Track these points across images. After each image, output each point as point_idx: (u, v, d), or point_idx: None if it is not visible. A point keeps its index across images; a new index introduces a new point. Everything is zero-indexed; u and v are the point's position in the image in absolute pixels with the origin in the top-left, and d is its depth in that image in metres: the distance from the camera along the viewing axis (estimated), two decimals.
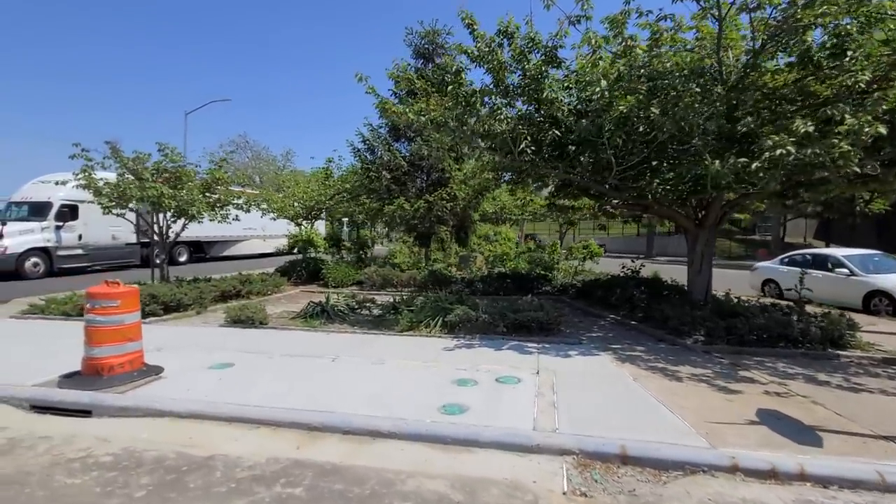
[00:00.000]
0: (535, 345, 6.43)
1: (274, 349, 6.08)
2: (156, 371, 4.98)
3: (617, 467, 3.29)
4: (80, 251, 16.79)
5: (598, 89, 5.81)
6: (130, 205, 9.57)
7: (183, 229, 10.48)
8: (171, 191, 9.07)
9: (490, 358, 5.76)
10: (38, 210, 16.03)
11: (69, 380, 4.68)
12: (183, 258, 21.76)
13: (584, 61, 6.52)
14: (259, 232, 26.61)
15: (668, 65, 5.68)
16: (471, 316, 6.90)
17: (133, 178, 9.49)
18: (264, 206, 12.54)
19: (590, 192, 8.95)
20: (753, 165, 5.25)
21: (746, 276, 13.89)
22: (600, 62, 5.75)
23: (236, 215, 10.82)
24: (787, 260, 12.27)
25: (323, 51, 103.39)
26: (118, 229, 18.34)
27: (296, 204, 13.44)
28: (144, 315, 8.24)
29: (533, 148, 6.80)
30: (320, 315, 7.89)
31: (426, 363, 5.51)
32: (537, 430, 3.66)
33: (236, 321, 7.53)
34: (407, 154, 13.65)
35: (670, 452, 3.34)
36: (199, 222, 10.55)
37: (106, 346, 4.66)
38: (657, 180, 6.40)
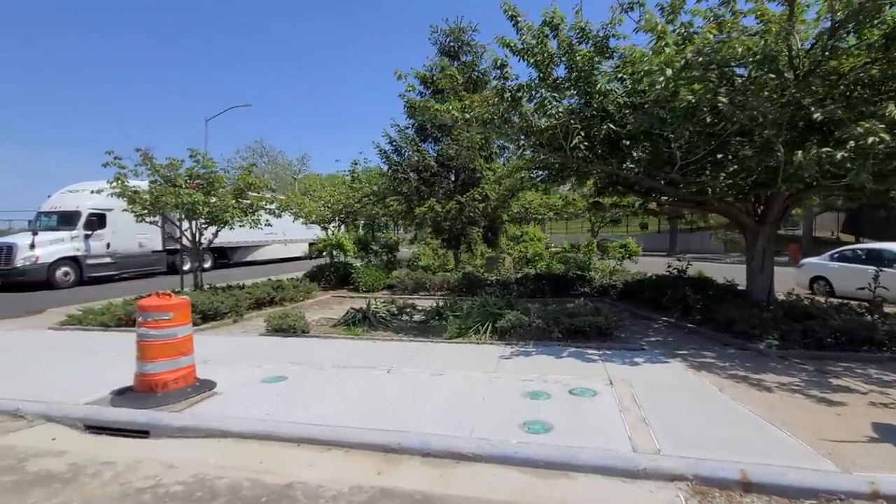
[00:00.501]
0: (595, 351, 6.08)
1: (323, 360, 5.82)
2: (209, 386, 4.75)
3: (739, 496, 2.93)
4: (108, 259, 16.84)
5: (661, 79, 5.44)
6: (164, 212, 9.43)
7: (215, 236, 10.32)
8: (204, 197, 8.91)
9: (552, 367, 5.43)
10: (67, 219, 16.11)
11: (122, 397, 4.47)
12: (207, 264, 21.73)
13: (643, 49, 6.15)
14: (280, 237, 26.56)
15: (739, 50, 5.29)
16: (523, 321, 6.57)
17: (165, 184, 9.35)
18: (294, 210, 12.34)
19: (635, 188, 8.55)
20: (839, 155, 4.84)
21: (784, 272, 13.31)
22: (666, 49, 5.39)
23: (267, 220, 10.65)
24: (836, 255, 11.69)
25: (332, 52, 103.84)
26: (144, 237, 18.41)
27: (323, 208, 13.23)
28: None
29: (586, 143, 6.44)
30: (362, 322, 7.64)
31: (487, 374, 5.20)
32: (638, 451, 3.32)
33: (277, 330, 7.30)
34: (434, 154, 13.37)
35: (798, 478, 2.97)
36: (230, 228, 10.39)
37: (159, 362, 4.43)
38: (723, 174, 6.01)
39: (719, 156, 6.01)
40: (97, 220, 16.48)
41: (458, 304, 8.11)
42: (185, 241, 10.06)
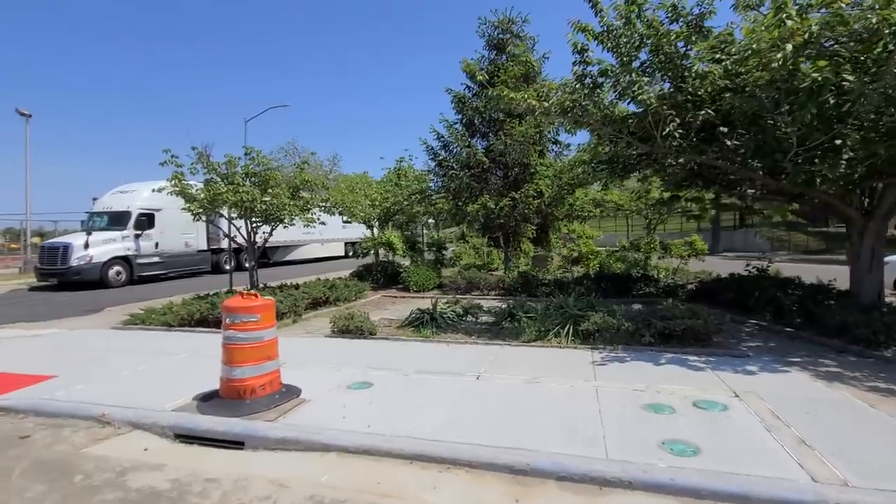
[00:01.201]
0: (695, 358, 5.55)
1: (402, 364, 5.48)
2: (295, 392, 4.45)
3: None
4: (156, 259, 17.07)
5: (778, 55, 4.87)
6: (222, 211, 9.30)
7: (270, 234, 10.16)
8: (262, 195, 8.72)
9: (657, 375, 4.93)
10: (117, 219, 16.39)
11: (208, 404, 4.21)
12: (248, 264, 21.88)
13: (756, 25, 5.57)
14: (317, 236, 26.61)
15: (873, 21, 4.68)
16: (611, 324, 6.08)
17: (223, 182, 9.21)
18: (346, 209, 12.09)
19: (720, 181, 7.92)
20: None
21: (844, 271, 12.31)
22: (787, 21, 4.81)
23: (320, 218, 10.44)
24: None
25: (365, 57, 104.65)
26: (190, 237, 18.63)
27: (370, 207, 12.96)
28: None
29: (681, 131, 5.90)
30: (430, 323, 7.28)
31: (588, 382, 4.75)
32: (819, 481, 2.83)
33: (344, 331, 7.02)
34: (482, 150, 12.93)
35: None
36: (284, 227, 10.21)
37: (247, 366, 4.16)
38: (842, 161, 5.38)
39: (838, 141, 5.38)
40: (146, 220, 16.71)
41: (527, 305, 7.66)
42: (239, 240, 9.93)
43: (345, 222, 28.99)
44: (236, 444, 3.69)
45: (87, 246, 14.93)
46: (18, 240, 40.28)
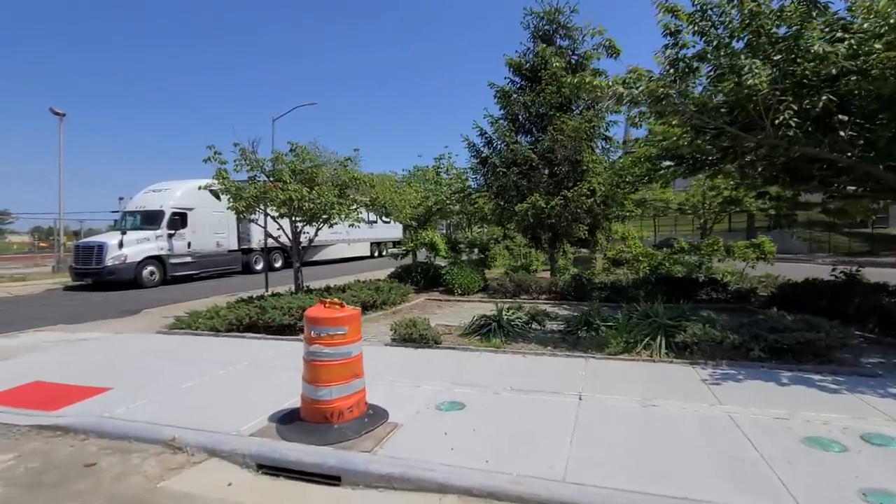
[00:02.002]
0: (818, 376, 4.87)
1: (485, 379, 4.93)
2: (382, 415, 3.92)
3: None
4: (189, 259, 16.84)
5: None
6: (269, 209, 8.86)
7: (316, 234, 9.71)
8: (310, 193, 8.25)
9: (787, 398, 4.28)
10: (151, 219, 16.18)
11: (290, 427, 3.70)
12: (278, 264, 21.64)
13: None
14: (344, 236, 26.26)
15: None
16: (713, 336, 5.43)
17: (269, 179, 8.78)
18: (397, 208, 11.59)
19: (812, 176, 7.19)
20: None
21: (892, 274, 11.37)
22: None
23: (367, 218, 9.95)
24: None
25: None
26: (221, 236, 18.39)
27: (409, 207, 12.43)
28: (298, 331, 7.45)
29: (797, 120, 5.22)
30: (497, 331, 6.71)
31: (713, 406, 4.12)
32: None
33: (406, 339, 6.49)
34: (526, 146, 12.26)
35: None
36: (329, 226, 9.75)
37: (335, 386, 3.63)
38: None
39: None
40: (179, 220, 16.49)
41: (598, 312, 7.03)
42: (283, 240, 9.49)
43: (371, 222, 28.74)
44: (330, 478, 3.17)
45: (121, 245, 14.73)
46: (47, 238, 41.01)
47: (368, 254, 29.79)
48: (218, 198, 18.44)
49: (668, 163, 9.30)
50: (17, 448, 3.66)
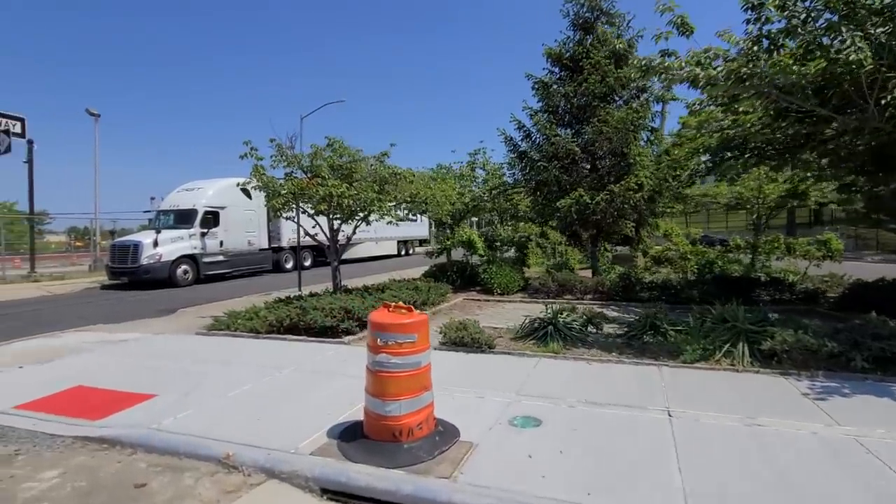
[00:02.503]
0: None
1: (553, 390, 4.49)
2: (453, 433, 3.52)
3: None
4: (221, 257, 16.83)
5: None
6: (306, 207, 8.58)
7: (354, 232, 9.41)
8: (349, 189, 7.92)
9: None
10: (184, 218, 16.21)
11: (353, 445, 3.33)
12: (308, 262, 21.54)
13: None
14: (372, 235, 26.04)
15: None
16: (808, 344, 4.85)
17: (306, 175, 8.49)
18: (438, 205, 11.18)
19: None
20: None
21: None
22: None
23: (408, 215, 9.60)
24: None
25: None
26: (252, 235, 18.36)
27: (449, 204, 11.99)
28: (341, 333, 7.15)
29: None
30: (554, 335, 6.24)
31: (830, 426, 3.59)
32: None
33: (457, 343, 6.09)
34: (568, 138, 11.68)
35: None
36: (367, 223, 9.44)
37: (404, 400, 3.25)
38: None
39: None
40: (212, 218, 16.48)
41: (660, 315, 6.49)
42: (321, 238, 9.20)
43: (399, 220, 28.57)
44: None
45: (156, 245, 14.77)
46: (82, 238, 42.11)
47: (395, 252, 29.57)
48: (249, 196, 18.35)
49: (728, 154, 8.65)
50: (63, 463, 3.39)
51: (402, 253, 30.19)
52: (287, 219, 9.04)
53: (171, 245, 15.14)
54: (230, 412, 4.10)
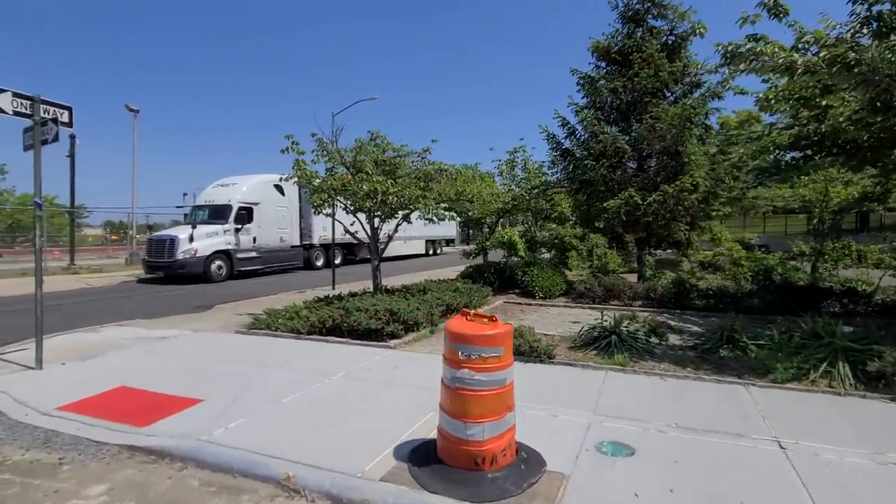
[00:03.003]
0: None
1: (636, 410, 4.02)
2: (538, 461, 3.10)
3: None
4: (254, 254, 16.79)
5: None
6: (348, 203, 8.28)
7: (395, 230, 9.08)
8: (394, 185, 7.58)
9: None
10: (219, 213, 16.22)
11: (428, 472, 2.94)
12: (337, 260, 21.39)
13: None
14: (401, 234, 25.74)
15: None
16: None
17: (349, 170, 8.20)
18: (484, 204, 10.78)
19: None
20: None
21: None
22: None
23: (452, 214, 9.21)
24: None
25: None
26: (285, 232, 18.30)
27: (494, 202, 11.60)
28: (385, 336, 6.81)
29: None
30: (619, 346, 5.75)
31: None
32: None
33: (514, 352, 5.64)
34: (619, 136, 11.06)
35: None
36: (408, 222, 9.10)
37: (487, 423, 2.84)
38: None
39: None
40: (246, 214, 16.45)
41: (733, 326, 5.92)
42: (361, 236, 8.91)
43: (427, 219, 28.25)
44: None
45: (191, 239, 14.79)
46: (117, 232, 43.29)
47: (423, 251, 29.27)
48: (282, 193, 18.45)
49: (792, 153, 7.99)
50: (110, 476, 3.11)
51: (430, 252, 29.88)
52: (327, 215, 8.75)
53: (206, 240, 15.14)
54: (283, 424, 3.77)
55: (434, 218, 8.55)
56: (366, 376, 5.00)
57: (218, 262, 15.37)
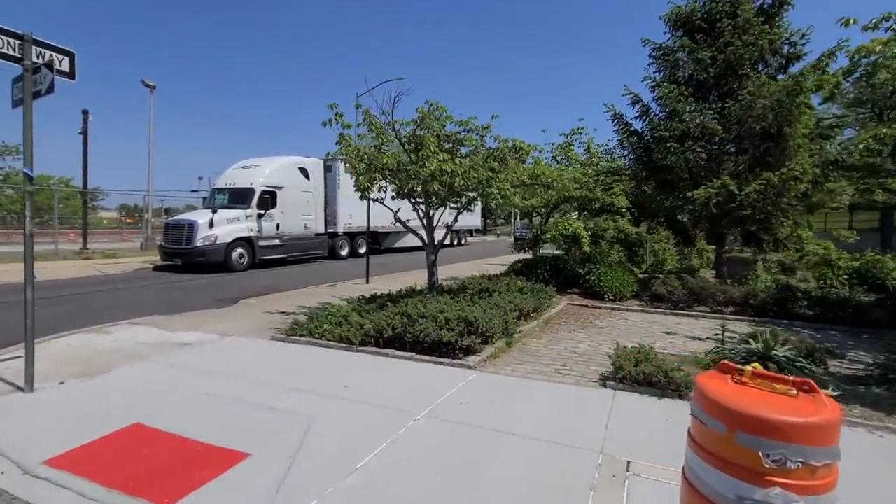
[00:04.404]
0: None
1: (862, 485, 2.66)
2: None
3: None
4: (277, 241, 15.57)
5: None
6: (401, 186, 6.94)
7: (456, 219, 7.75)
8: (461, 166, 6.22)
9: None
10: (240, 197, 14.99)
11: None
12: (362, 249, 20.16)
13: None
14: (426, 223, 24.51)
15: None
16: None
17: (405, 148, 6.85)
18: (562, 190, 9.36)
19: None
20: None
21: None
22: None
23: (526, 199, 7.85)
24: None
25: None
26: (309, 218, 17.07)
27: (573, 186, 10.13)
28: (458, 351, 5.52)
29: None
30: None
31: None
32: None
33: (641, 381, 4.31)
34: (710, 114, 9.48)
35: None
36: (469, 210, 7.76)
37: None
38: None
39: None
40: (270, 199, 15.20)
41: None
42: (413, 224, 7.59)
43: (455, 208, 26.83)
44: None
45: (211, 225, 13.59)
46: (132, 215, 42.59)
47: (448, 242, 27.83)
48: (307, 176, 17.15)
49: None
50: None
51: (455, 243, 28.48)
52: (375, 201, 7.43)
53: (227, 226, 13.93)
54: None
55: (498, 204, 7.12)
56: (460, 416, 3.69)
57: (239, 251, 14.17)
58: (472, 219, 29.48)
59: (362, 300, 7.14)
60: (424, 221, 7.33)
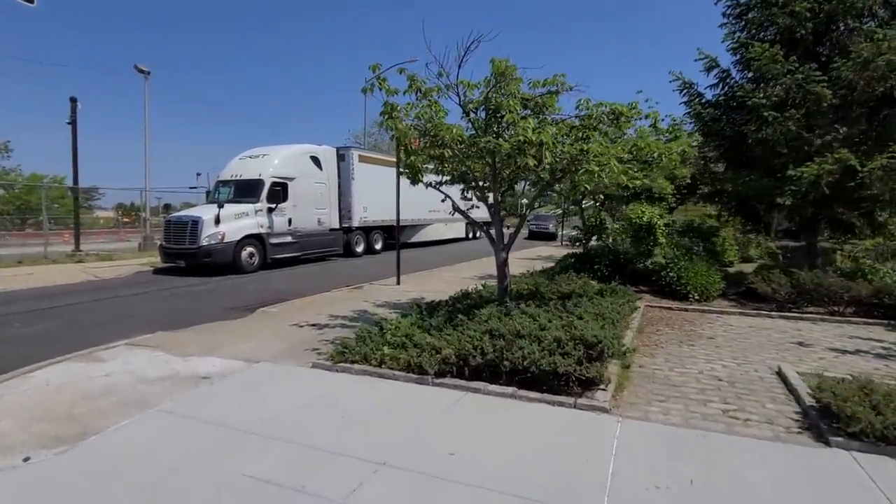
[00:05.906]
0: None
1: None
2: None
3: None
4: (289, 238, 14.07)
5: None
6: (464, 166, 5.46)
7: (532, 206, 6.28)
8: (565, 140, 4.76)
9: None
10: (248, 190, 13.45)
11: None
12: (378, 245, 18.74)
13: None
14: (442, 216, 22.98)
15: None
16: None
17: (468, 117, 5.37)
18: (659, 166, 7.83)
19: None
20: None
21: None
22: None
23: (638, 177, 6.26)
24: None
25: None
26: (323, 212, 15.59)
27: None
28: (574, 384, 4.08)
29: None
30: None
31: None
32: None
33: (887, 439, 2.87)
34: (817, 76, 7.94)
35: None
36: (549, 193, 6.29)
37: None
38: None
39: None
40: (280, 191, 13.68)
41: None
42: (475, 214, 6.14)
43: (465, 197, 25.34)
44: None
45: (217, 221, 12.09)
46: (129, 214, 40.97)
47: (464, 235, 26.39)
48: (319, 166, 15.56)
49: None
50: None
51: (470, 236, 26.99)
52: (428, 186, 5.96)
53: (234, 223, 12.43)
54: None
55: (596, 184, 5.59)
56: None
57: (249, 249, 12.68)
58: (482, 211, 28.01)
59: (419, 310, 5.68)
60: (492, 210, 5.85)
